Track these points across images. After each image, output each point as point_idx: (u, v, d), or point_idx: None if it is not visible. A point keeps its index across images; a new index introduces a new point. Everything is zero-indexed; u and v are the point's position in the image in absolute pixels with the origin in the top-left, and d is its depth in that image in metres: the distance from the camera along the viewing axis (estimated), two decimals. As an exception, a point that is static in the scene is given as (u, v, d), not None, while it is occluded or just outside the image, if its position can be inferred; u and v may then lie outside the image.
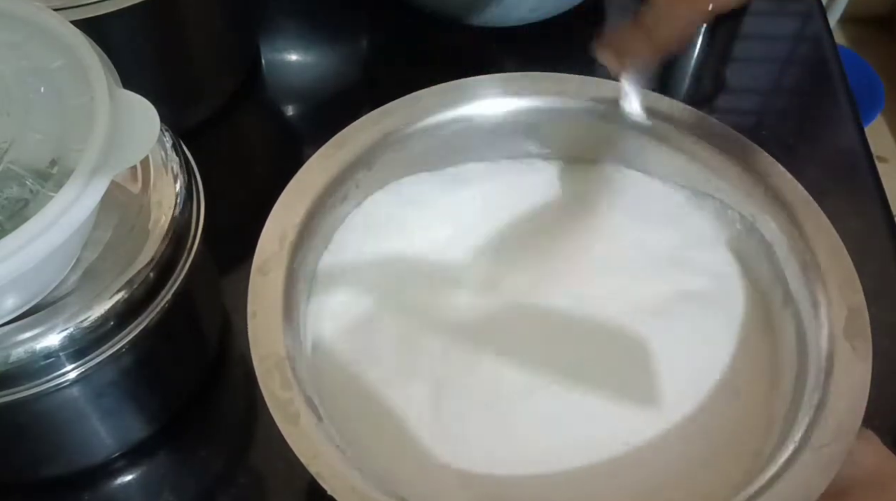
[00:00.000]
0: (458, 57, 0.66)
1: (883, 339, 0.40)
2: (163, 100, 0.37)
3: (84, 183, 0.33)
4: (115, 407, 0.44)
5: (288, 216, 0.42)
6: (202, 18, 0.58)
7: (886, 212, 0.58)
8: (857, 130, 0.63)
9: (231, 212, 0.51)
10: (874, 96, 1.35)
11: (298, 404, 0.37)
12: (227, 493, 0.47)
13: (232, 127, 0.63)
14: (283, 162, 0.64)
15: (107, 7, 0.47)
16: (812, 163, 0.62)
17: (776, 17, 0.72)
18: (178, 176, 0.42)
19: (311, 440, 0.36)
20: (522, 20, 0.66)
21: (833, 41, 0.69)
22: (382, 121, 0.46)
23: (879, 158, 0.80)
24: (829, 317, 0.40)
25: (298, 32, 0.70)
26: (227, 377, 0.51)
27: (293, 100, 0.66)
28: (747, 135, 0.46)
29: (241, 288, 0.40)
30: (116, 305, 0.38)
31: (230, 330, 0.51)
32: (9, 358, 0.36)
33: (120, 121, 0.34)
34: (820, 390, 0.38)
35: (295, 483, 0.46)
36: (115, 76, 0.37)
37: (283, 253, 0.41)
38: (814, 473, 0.36)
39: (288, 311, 0.40)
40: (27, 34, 0.37)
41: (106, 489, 0.47)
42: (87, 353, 0.38)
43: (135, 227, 0.40)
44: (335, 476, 0.35)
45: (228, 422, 0.50)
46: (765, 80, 0.68)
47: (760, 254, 0.45)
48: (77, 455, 0.46)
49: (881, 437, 0.39)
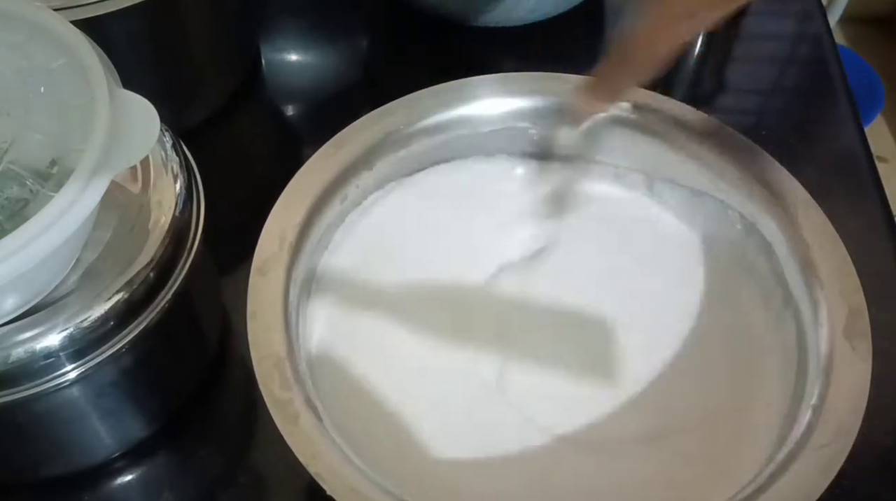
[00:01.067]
0: (458, 57, 0.66)
1: (883, 339, 0.40)
2: (163, 100, 0.37)
3: (84, 183, 0.33)
4: (115, 407, 0.44)
5: (288, 216, 0.42)
6: (202, 18, 0.58)
7: (886, 212, 0.58)
8: (857, 130, 0.63)
9: (231, 212, 0.51)
10: (874, 96, 1.35)
11: (298, 404, 0.37)
12: (227, 493, 0.47)
13: (232, 127, 0.63)
14: (283, 162, 0.63)
15: (107, 7, 0.47)
16: (812, 163, 0.61)
17: (776, 17, 0.72)
18: (178, 176, 0.42)
19: (311, 440, 0.36)
20: (522, 20, 0.66)
21: (833, 41, 0.69)
22: (382, 122, 0.46)
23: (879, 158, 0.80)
24: (829, 317, 0.40)
25: (298, 32, 0.70)
26: (227, 377, 0.51)
27: (293, 100, 0.66)
28: (747, 136, 0.46)
29: (241, 288, 0.40)
30: (116, 305, 0.38)
31: (230, 330, 0.51)
32: (9, 358, 0.36)
33: (120, 121, 0.34)
34: (820, 390, 0.38)
35: (295, 483, 0.46)
36: (115, 76, 0.37)
37: (282, 253, 0.41)
38: (813, 473, 0.36)
39: (287, 312, 0.40)
40: (27, 34, 0.37)
41: (106, 489, 0.47)
42: (87, 353, 0.38)
43: (135, 227, 0.40)
44: (335, 477, 0.35)
45: (228, 422, 0.50)
46: (765, 80, 0.68)
47: (760, 255, 0.45)
48: (77, 455, 0.46)
49: (881, 437, 0.39)
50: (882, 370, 0.39)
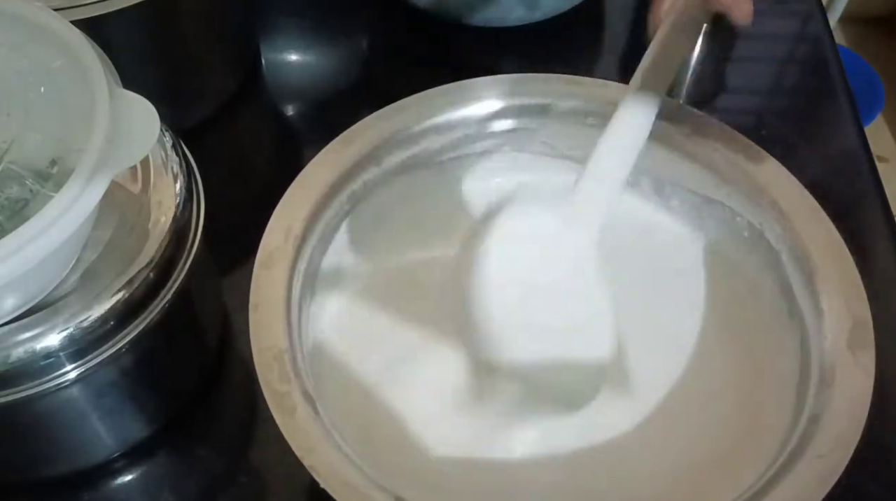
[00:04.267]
0: (458, 57, 0.66)
1: (883, 339, 0.40)
2: (163, 100, 0.37)
3: (84, 183, 0.33)
4: (115, 407, 0.44)
5: (294, 211, 0.42)
6: (202, 18, 0.58)
7: (886, 212, 0.58)
8: (857, 130, 0.63)
9: (231, 212, 0.51)
10: (874, 96, 1.35)
11: (296, 397, 0.37)
12: (227, 493, 0.47)
13: (232, 127, 0.63)
14: (283, 162, 0.64)
15: (107, 7, 0.47)
16: (812, 163, 0.61)
17: (776, 17, 0.72)
18: (178, 176, 0.42)
19: (307, 433, 0.36)
20: (521, 20, 0.66)
21: (833, 41, 0.69)
22: (391, 119, 0.46)
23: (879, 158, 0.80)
24: (834, 328, 0.40)
25: (298, 32, 0.70)
26: (227, 377, 0.51)
27: (293, 100, 0.66)
28: (747, 136, 0.46)
29: (241, 289, 0.40)
30: (116, 305, 0.38)
31: (230, 330, 0.51)
32: (9, 358, 0.36)
33: (120, 121, 0.34)
34: (821, 400, 0.38)
35: (295, 483, 0.46)
36: (115, 76, 0.37)
37: (287, 246, 0.41)
38: (810, 483, 0.36)
39: (290, 305, 0.40)
40: (27, 34, 0.37)
41: (106, 489, 0.47)
42: (87, 353, 0.38)
43: (135, 227, 0.40)
44: (329, 471, 0.35)
45: (228, 422, 0.50)
46: (765, 80, 0.68)
47: (768, 263, 0.45)
48: (77, 455, 0.46)
49: (881, 437, 0.39)
50: (882, 370, 0.39)
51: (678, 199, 0.48)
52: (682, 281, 0.47)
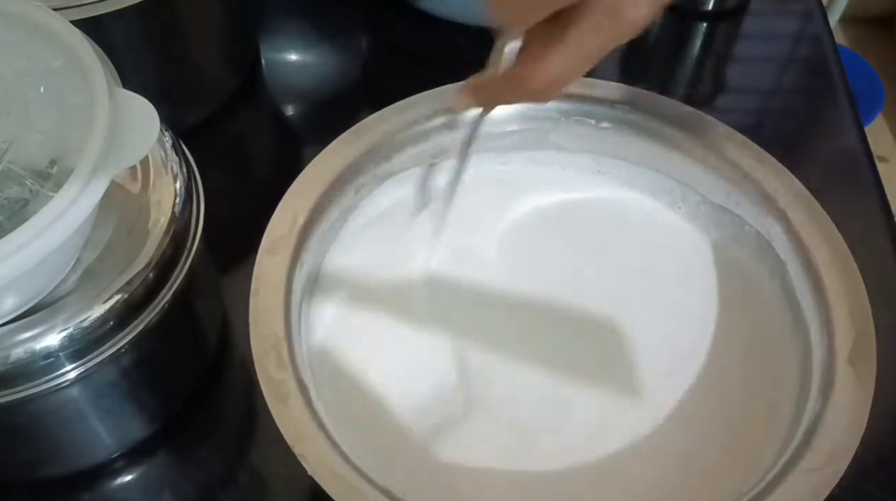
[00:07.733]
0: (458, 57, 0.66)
1: (883, 339, 0.40)
2: (163, 100, 0.37)
3: (84, 183, 0.33)
4: (115, 407, 0.44)
5: (300, 201, 0.42)
6: (202, 18, 0.58)
7: (886, 212, 0.58)
8: (857, 130, 0.63)
9: (231, 212, 0.51)
10: (874, 96, 1.35)
11: (290, 385, 0.37)
12: (227, 493, 0.47)
13: (232, 127, 0.63)
14: (283, 162, 0.64)
15: (107, 7, 0.47)
16: (812, 163, 0.62)
17: (776, 17, 0.72)
18: (178, 176, 0.42)
19: (299, 421, 0.36)
20: (522, 20, 0.66)
21: (833, 41, 0.69)
22: (403, 114, 0.46)
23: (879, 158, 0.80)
24: (837, 340, 0.40)
25: (298, 32, 0.70)
26: (227, 377, 0.51)
27: (293, 100, 0.66)
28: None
29: (241, 288, 0.40)
30: (116, 305, 0.38)
31: (230, 330, 0.51)
32: (9, 358, 0.36)
33: (120, 121, 0.34)
34: (818, 413, 0.38)
35: (295, 483, 0.46)
36: (115, 76, 0.37)
37: (291, 236, 0.41)
38: (801, 496, 0.35)
39: (291, 294, 0.40)
40: (27, 34, 0.37)
41: (106, 489, 0.47)
42: (87, 353, 0.38)
43: (135, 227, 0.40)
44: (318, 459, 0.35)
45: (228, 422, 0.50)
46: (765, 80, 0.68)
47: (774, 275, 0.45)
48: (77, 455, 0.46)
49: (881, 437, 0.39)
50: (882, 370, 0.39)
51: (688, 205, 0.48)
52: (690, 288, 0.47)
